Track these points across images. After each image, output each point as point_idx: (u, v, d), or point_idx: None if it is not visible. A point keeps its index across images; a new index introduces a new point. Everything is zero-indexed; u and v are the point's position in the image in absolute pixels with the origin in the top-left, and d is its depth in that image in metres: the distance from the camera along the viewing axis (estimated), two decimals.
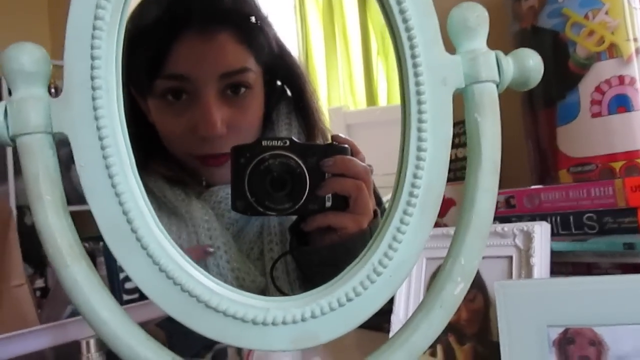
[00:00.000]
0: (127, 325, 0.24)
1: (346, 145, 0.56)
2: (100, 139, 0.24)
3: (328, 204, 0.55)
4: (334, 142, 0.58)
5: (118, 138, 0.24)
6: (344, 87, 2.28)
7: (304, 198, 0.53)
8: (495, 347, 0.41)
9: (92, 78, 0.24)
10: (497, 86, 0.26)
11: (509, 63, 0.26)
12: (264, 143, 0.54)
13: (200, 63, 0.61)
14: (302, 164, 0.53)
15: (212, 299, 0.24)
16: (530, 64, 0.27)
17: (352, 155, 0.56)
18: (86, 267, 0.24)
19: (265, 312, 0.24)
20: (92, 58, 0.24)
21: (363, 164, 0.56)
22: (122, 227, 0.24)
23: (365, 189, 0.55)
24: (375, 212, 0.56)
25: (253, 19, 0.66)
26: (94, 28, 0.24)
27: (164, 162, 0.67)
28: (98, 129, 0.24)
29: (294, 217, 0.61)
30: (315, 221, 0.56)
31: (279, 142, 0.54)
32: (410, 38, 0.25)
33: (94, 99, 0.24)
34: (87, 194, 0.24)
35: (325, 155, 0.54)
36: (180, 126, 0.64)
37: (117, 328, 0.24)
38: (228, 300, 0.24)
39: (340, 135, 0.59)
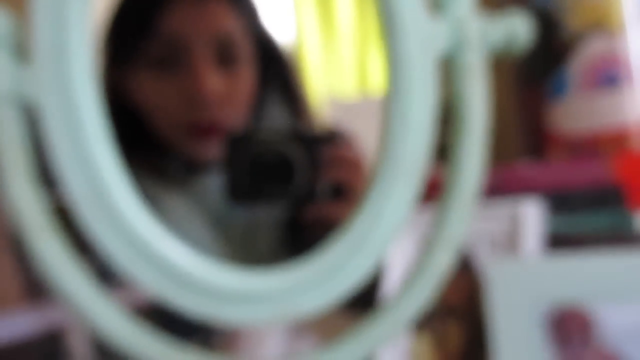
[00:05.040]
0: (102, 300, 0.23)
1: (342, 134, 0.56)
2: (72, 106, 0.23)
3: (324, 194, 0.54)
4: (330, 131, 0.57)
5: (91, 105, 0.23)
6: (337, 74, 2.28)
7: (299, 188, 0.53)
8: (485, 327, 0.40)
9: (63, 42, 0.23)
10: (484, 52, 0.26)
11: (495, 28, 0.26)
12: (258, 132, 0.53)
13: (191, 25, 0.61)
14: (297, 154, 0.52)
15: (187, 272, 0.23)
16: (518, 29, 0.26)
17: (348, 144, 0.56)
18: (57, 241, 0.23)
19: (244, 285, 0.23)
20: (63, 20, 0.23)
21: (359, 153, 0.56)
22: (96, 197, 0.23)
23: (362, 178, 0.55)
24: None
25: None
26: None
27: (146, 150, 0.66)
28: (69, 95, 0.23)
29: (288, 208, 0.61)
30: (310, 212, 0.55)
31: (274, 131, 0.53)
32: (392, 2, 0.24)
33: (64, 63, 0.23)
34: (59, 163, 0.23)
35: (321, 144, 0.54)
36: (171, 93, 0.63)
37: (91, 302, 0.23)
38: (204, 273, 0.23)
39: (336, 123, 0.59)
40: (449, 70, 0.26)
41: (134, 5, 0.63)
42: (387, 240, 0.24)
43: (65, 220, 0.25)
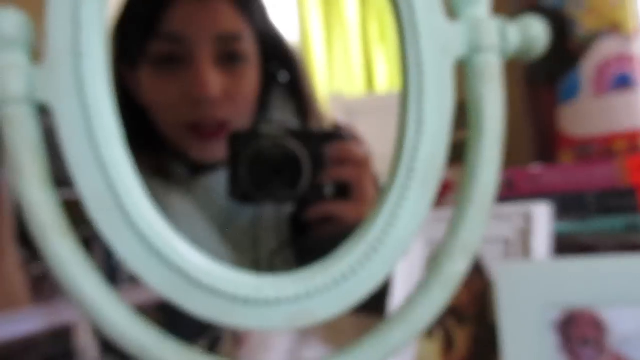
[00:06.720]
0: (113, 302, 0.23)
1: (347, 132, 0.55)
2: (86, 108, 0.23)
3: (328, 192, 0.54)
4: (335, 129, 0.57)
5: (104, 107, 0.23)
6: (342, 73, 2.27)
7: (304, 186, 0.52)
8: (495, 329, 0.40)
9: (78, 43, 0.23)
10: (500, 55, 0.25)
11: (512, 31, 0.25)
12: (262, 129, 0.53)
13: (195, 23, 0.61)
14: (301, 151, 0.52)
15: (201, 277, 0.23)
16: (534, 32, 0.26)
17: (353, 141, 0.55)
18: (70, 242, 0.23)
19: (258, 290, 0.23)
20: (78, 22, 0.23)
21: (364, 150, 0.55)
22: (109, 200, 0.23)
23: (366, 176, 0.54)
24: None
25: None
26: None
27: (152, 150, 0.65)
28: (83, 97, 0.23)
29: (292, 206, 0.60)
30: (315, 210, 0.55)
31: (278, 128, 0.53)
32: (409, 4, 0.24)
33: (79, 65, 0.23)
34: (72, 166, 0.23)
35: (325, 142, 0.53)
36: (174, 92, 0.63)
37: (102, 303, 0.23)
38: (219, 278, 0.23)
39: (341, 121, 0.58)
40: (465, 73, 0.26)
41: (138, 4, 0.63)
42: (402, 245, 0.24)
43: (76, 219, 0.24)
